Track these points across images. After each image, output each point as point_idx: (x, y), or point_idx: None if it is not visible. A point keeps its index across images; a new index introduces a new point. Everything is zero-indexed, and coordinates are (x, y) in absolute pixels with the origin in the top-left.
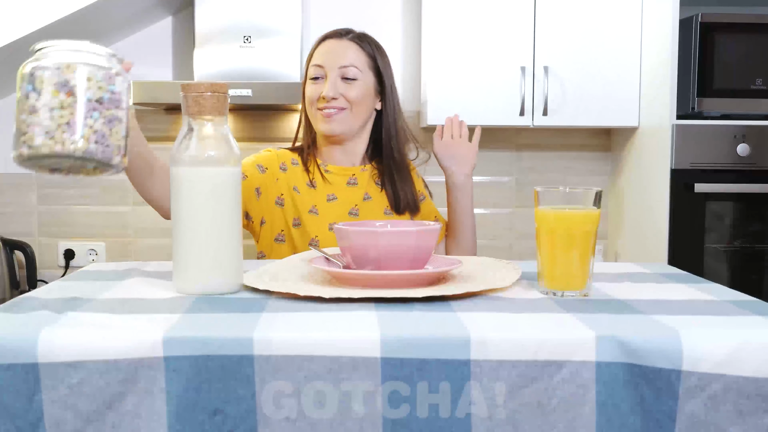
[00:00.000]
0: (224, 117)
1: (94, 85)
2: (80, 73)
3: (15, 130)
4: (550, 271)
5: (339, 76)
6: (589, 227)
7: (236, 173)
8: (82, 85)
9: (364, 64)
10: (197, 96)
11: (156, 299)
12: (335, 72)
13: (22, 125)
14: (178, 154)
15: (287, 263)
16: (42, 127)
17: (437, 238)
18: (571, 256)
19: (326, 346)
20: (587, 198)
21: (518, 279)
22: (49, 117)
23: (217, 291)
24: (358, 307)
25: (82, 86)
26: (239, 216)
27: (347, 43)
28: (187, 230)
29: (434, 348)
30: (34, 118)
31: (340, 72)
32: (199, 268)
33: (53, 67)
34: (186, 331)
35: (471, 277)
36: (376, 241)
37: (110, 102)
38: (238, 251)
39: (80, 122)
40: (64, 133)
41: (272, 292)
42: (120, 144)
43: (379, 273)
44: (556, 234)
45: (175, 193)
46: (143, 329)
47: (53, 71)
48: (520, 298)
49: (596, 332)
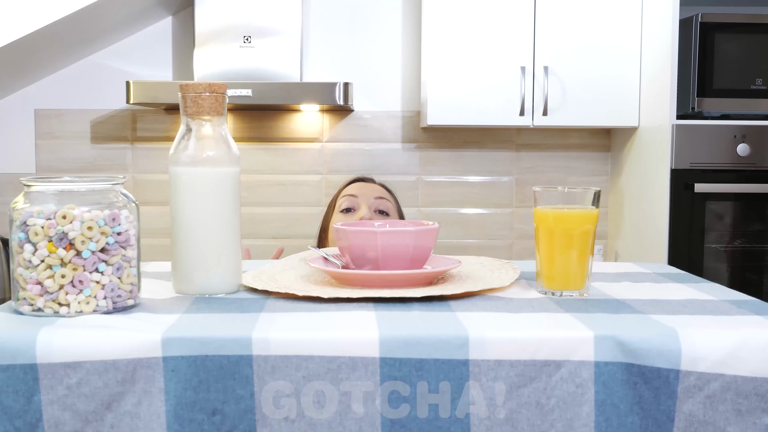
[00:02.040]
0: (223, 117)
1: (96, 232)
2: (79, 222)
3: (13, 278)
4: (548, 271)
5: (374, 208)
6: (588, 227)
7: (234, 174)
8: (83, 237)
9: (393, 205)
10: (195, 96)
11: (154, 299)
12: (370, 202)
13: (20, 278)
14: (176, 154)
15: (286, 264)
16: (42, 287)
17: (436, 237)
18: (570, 256)
19: (325, 346)
20: (586, 198)
21: (517, 279)
22: (49, 275)
23: (215, 291)
24: (356, 307)
25: (82, 238)
26: (238, 216)
27: (376, 185)
28: (186, 230)
29: (433, 348)
30: (32, 275)
31: (375, 204)
32: (198, 268)
33: (48, 217)
34: (184, 331)
35: (470, 276)
36: (375, 241)
37: (117, 246)
38: (236, 251)
39: (85, 279)
40: (68, 294)
41: (271, 292)
42: (133, 284)
43: (377, 273)
44: (555, 234)
45: (174, 194)
46: (142, 329)
47: (48, 222)
48: (519, 298)
49: (595, 332)
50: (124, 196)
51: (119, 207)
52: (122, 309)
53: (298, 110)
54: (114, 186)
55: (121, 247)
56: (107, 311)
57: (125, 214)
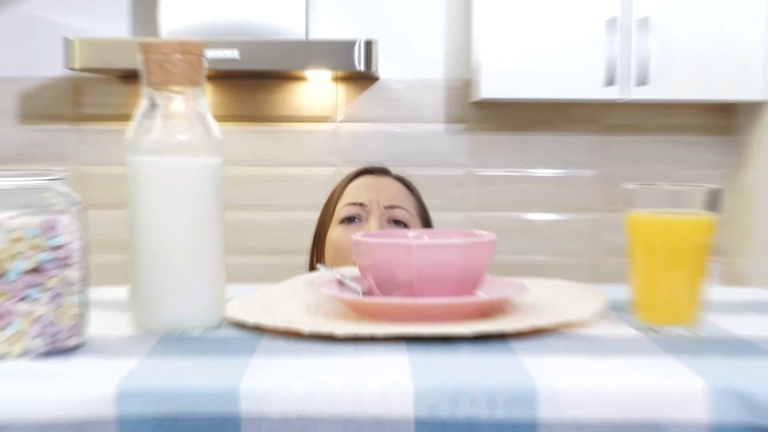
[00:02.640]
0: (200, 88)
1: (25, 247)
2: (2, 233)
3: None
4: (647, 299)
5: (386, 219)
6: (701, 239)
7: (216, 166)
8: (7, 253)
9: (414, 209)
10: (162, 59)
11: (106, 338)
12: (380, 212)
13: None
14: (136, 139)
15: (286, 289)
16: None
17: (492, 253)
18: (677, 279)
19: (340, 403)
20: (699, 199)
21: (604, 310)
22: None
23: (189, 326)
24: (383, 349)
25: (6, 254)
26: (220, 224)
27: (390, 181)
28: (149, 243)
29: (488, 404)
30: None
31: (387, 214)
32: (166, 294)
33: None
34: (147, 381)
35: (539, 307)
36: (409, 258)
37: (55, 264)
38: (218, 271)
39: (10, 311)
40: None
41: (266, 328)
42: (74, 317)
43: (412, 302)
44: (656, 248)
45: (134, 193)
46: (89, 378)
47: None
48: (606, 336)
49: (710, 382)
50: (65, 196)
51: (58, 211)
52: (62, 351)
53: (302, 78)
54: (50, 183)
55: (60, 267)
56: (41, 354)
57: (66, 221)
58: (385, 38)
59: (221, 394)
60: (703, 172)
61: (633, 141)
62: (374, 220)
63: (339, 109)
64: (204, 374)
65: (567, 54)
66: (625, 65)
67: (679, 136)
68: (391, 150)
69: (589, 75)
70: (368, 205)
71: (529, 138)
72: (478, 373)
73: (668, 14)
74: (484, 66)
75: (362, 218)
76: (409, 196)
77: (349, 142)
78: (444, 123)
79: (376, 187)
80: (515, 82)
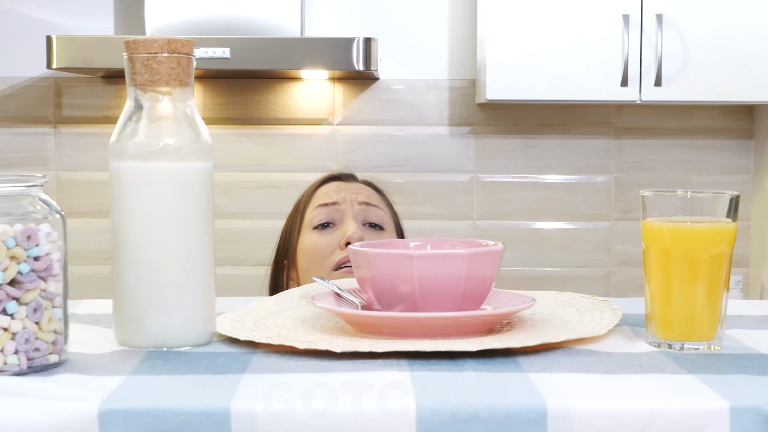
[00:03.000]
0: (188, 89)
1: (2, 257)
2: None
3: None
4: (663, 314)
5: (361, 220)
6: (721, 249)
7: (205, 171)
8: None
9: (389, 215)
10: (148, 58)
11: (88, 354)
12: (355, 210)
13: None
14: (121, 143)
15: (279, 302)
16: None
17: (499, 264)
18: (695, 292)
19: (337, 423)
20: (718, 206)
21: (618, 324)
22: None
23: (176, 342)
24: (383, 366)
25: None
26: (210, 232)
27: (361, 185)
28: (134, 254)
29: (496, 425)
30: None
31: (361, 213)
32: (151, 309)
33: None
34: (132, 400)
35: (549, 321)
36: (410, 268)
37: (33, 276)
38: (207, 284)
39: None
40: None
41: (258, 344)
42: (57, 332)
43: (414, 316)
44: (673, 258)
45: (118, 200)
46: (70, 398)
47: None
48: (621, 353)
49: (731, 401)
50: (44, 203)
51: (37, 220)
52: (42, 368)
53: (297, 78)
54: (29, 189)
55: (39, 279)
56: (20, 372)
57: (45, 229)
58: (385, 36)
59: (211, 414)
60: (722, 178)
61: (648, 145)
62: (350, 221)
63: (336, 111)
64: (192, 393)
65: (580, 52)
66: (640, 65)
67: (697, 140)
68: (391, 154)
69: (604, 74)
70: (341, 204)
71: (539, 142)
72: (484, 392)
73: (685, 10)
74: (491, 65)
75: (336, 222)
76: (381, 199)
77: (347, 146)
78: (448, 126)
79: (347, 188)
80: (523, 82)
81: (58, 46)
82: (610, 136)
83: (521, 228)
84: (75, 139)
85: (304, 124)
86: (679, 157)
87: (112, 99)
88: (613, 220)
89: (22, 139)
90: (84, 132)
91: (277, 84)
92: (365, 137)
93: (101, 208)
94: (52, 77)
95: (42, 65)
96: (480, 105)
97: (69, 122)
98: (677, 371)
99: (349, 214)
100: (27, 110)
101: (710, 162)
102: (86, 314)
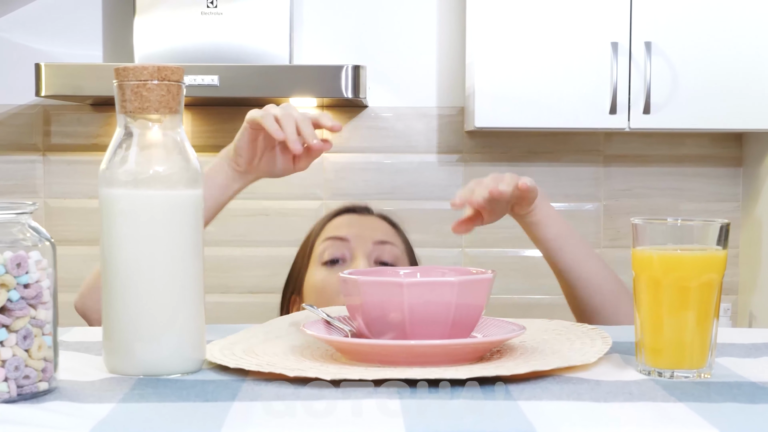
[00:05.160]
0: (178, 116)
1: None
2: None
3: None
4: (653, 341)
5: (374, 258)
6: (711, 277)
7: (195, 198)
8: None
9: (402, 249)
10: (138, 86)
11: (78, 382)
12: (368, 249)
13: None
14: (110, 171)
15: (269, 330)
16: None
17: (489, 292)
18: (685, 320)
19: None
20: (708, 234)
21: (608, 352)
22: None
23: (166, 370)
24: (373, 394)
25: None
26: (200, 260)
27: (375, 219)
28: (124, 282)
29: None
30: None
31: (375, 251)
32: (141, 336)
33: None
34: (121, 428)
35: (538, 349)
36: (401, 296)
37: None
38: (197, 311)
39: None
40: None
41: (248, 371)
42: (47, 359)
43: (404, 344)
44: (663, 286)
45: (108, 228)
46: (60, 425)
47: None
48: (610, 381)
49: (721, 430)
50: (34, 231)
51: (26, 247)
52: (31, 396)
53: None
54: (18, 216)
55: (29, 306)
56: (9, 399)
57: (35, 257)
58: (374, 63)
59: None
60: (711, 206)
61: (637, 172)
62: (362, 259)
63: None
64: (182, 421)
65: (568, 79)
66: (629, 92)
67: (686, 168)
68: (380, 182)
69: (592, 102)
70: (352, 241)
71: (527, 169)
72: (474, 420)
73: (674, 38)
74: (479, 93)
75: (347, 258)
76: (397, 235)
77: (335, 173)
78: (437, 153)
79: (360, 223)
80: (512, 109)
81: (47, 74)
82: (598, 163)
83: (510, 256)
84: (64, 167)
85: None
86: (668, 184)
87: (102, 126)
88: (602, 247)
89: (11, 166)
90: (73, 159)
91: None
92: (354, 165)
93: (91, 236)
94: (41, 105)
95: (31, 93)
96: (469, 132)
97: (58, 150)
98: (667, 399)
99: (360, 252)
100: (16, 138)
101: (699, 189)
102: (76, 341)
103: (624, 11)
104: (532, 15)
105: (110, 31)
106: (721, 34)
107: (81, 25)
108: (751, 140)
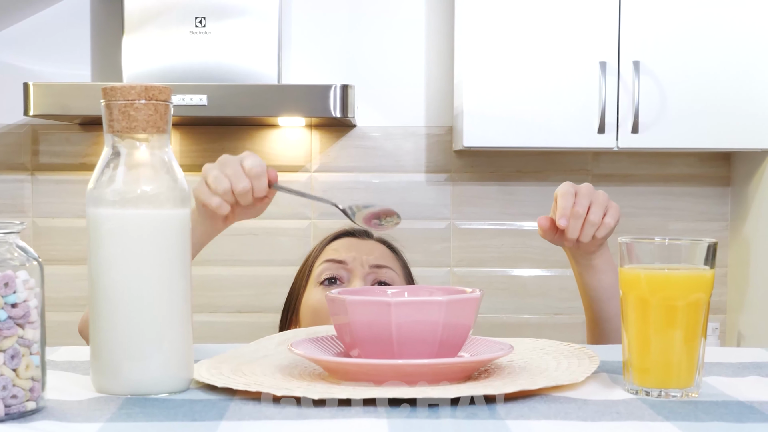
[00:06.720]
0: (166, 135)
1: None
2: None
3: None
4: (641, 361)
5: (371, 281)
6: (699, 296)
7: (182, 218)
8: None
9: (400, 273)
10: (125, 105)
11: (65, 401)
12: (365, 272)
13: None
14: (98, 190)
15: (257, 349)
16: None
17: (477, 311)
18: (673, 339)
19: None
20: (696, 253)
21: (595, 372)
22: None
23: (154, 389)
24: (360, 414)
25: None
26: (187, 279)
27: (374, 243)
28: (111, 301)
29: None
30: None
31: (371, 275)
32: (129, 356)
33: None
34: None
35: (526, 368)
36: (388, 315)
37: (11, 323)
38: (184, 331)
39: None
40: None
41: (236, 390)
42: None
43: (391, 363)
44: (651, 306)
45: (95, 247)
46: None
47: None
48: (598, 400)
49: None
50: (21, 250)
51: (14, 267)
52: (19, 416)
53: (274, 125)
54: (6, 236)
55: (17, 325)
56: None
57: (23, 276)
58: (363, 83)
59: None
60: (699, 225)
61: (626, 192)
62: (359, 282)
63: (313, 158)
64: None
65: (556, 100)
66: (617, 111)
67: (674, 187)
68: (368, 201)
69: (581, 121)
70: (350, 264)
71: (516, 189)
72: None
73: (662, 57)
74: (468, 112)
75: (344, 279)
76: (395, 259)
77: (323, 193)
78: (425, 173)
79: (359, 247)
80: (501, 129)
81: (35, 93)
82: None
83: (498, 275)
84: (52, 186)
85: (281, 171)
86: (656, 204)
87: (89, 146)
88: None
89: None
90: (61, 179)
91: (254, 131)
92: (342, 184)
93: (78, 255)
94: (29, 124)
95: (19, 112)
96: (457, 152)
97: (46, 169)
98: (655, 419)
99: (357, 275)
100: (4, 157)
101: (687, 209)
102: (64, 361)
103: (612, 31)
104: (521, 34)
105: (98, 51)
106: (709, 53)
107: (69, 45)
108: (739, 159)
